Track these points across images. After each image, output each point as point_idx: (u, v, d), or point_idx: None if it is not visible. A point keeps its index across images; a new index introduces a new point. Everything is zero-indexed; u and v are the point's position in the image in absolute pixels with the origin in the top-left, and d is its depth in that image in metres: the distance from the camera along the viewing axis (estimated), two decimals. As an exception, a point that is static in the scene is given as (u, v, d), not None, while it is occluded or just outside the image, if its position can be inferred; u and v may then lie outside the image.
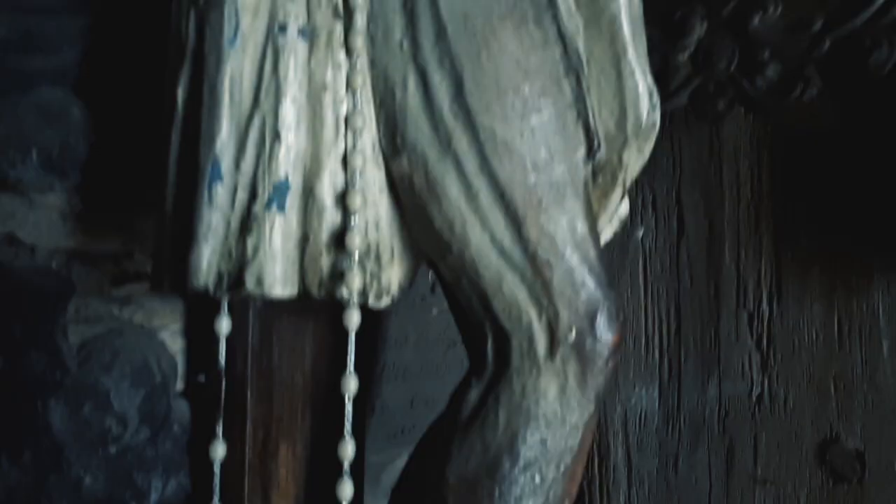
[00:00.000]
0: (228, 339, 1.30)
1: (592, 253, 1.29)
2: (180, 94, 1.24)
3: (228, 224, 1.22)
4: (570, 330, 1.26)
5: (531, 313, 1.26)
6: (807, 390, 1.85)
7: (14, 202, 1.34)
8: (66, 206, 1.37)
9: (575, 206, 1.28)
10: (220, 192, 1.20)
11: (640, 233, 1.86)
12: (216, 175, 1.20)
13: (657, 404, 1.93)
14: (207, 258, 1.21)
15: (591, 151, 1.30)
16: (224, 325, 1.26)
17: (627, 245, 1.81)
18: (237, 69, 1.21)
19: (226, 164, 1.20)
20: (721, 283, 1.98)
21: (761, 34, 1.87)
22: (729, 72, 1.91)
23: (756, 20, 1.87)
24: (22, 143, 1.32)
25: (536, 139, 1.28)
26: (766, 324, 1.92)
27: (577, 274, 1.27)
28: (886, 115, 1.73)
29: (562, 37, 1.30)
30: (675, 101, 1.94)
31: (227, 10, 1.22)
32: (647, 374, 1.91)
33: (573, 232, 1.28)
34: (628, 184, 1.40)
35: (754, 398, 1.89)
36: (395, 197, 1.31)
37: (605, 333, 1.27)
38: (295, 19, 1.26)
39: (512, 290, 1.26)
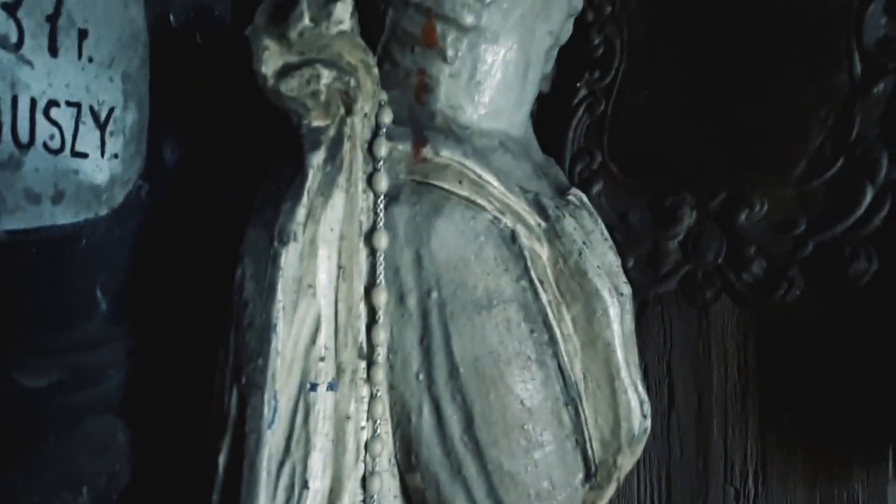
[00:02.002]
0: None
1: None
2: (221, 461, 1.39)
3: None
4: None
5: None
6: (790, 572, 1.85)
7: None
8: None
9: None
10: (257, 556, 1.27)
11: (633, 401, 1.97)
12: (253, 543, 1.26)
13: (649, 570, 1.98)
14: None
15: (588, 475, 1.48)
16: None
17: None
18: (275, 446, 1.37)
19: (262, 528, 1.27)
20: (710, 456, 2.09)
21: (747, 230, 1.99)
22: (717, 263, 2.03)
23: (743, 216, 1.99)
24: (73, 481, 1.46)
25: (539, 471, 1.46)
26: (751, 502, 2.03)
27: None
28: (867, 321, 1.84)
29: (561, 371, 1.48)
30: (665, 285, 2.08)
31: (268, 395, 1.36)
32: (640, 539, 2.00)
33: (573, 551, 1.36)
34: (622, 480, 1.56)
35: (741, 574, 1.88)
36: (407, 500, 1.49)
37: None
38: (325, 377, 1.41)
39: None
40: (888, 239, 1.85)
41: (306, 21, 1.36)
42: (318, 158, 1.42)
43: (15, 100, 1.50)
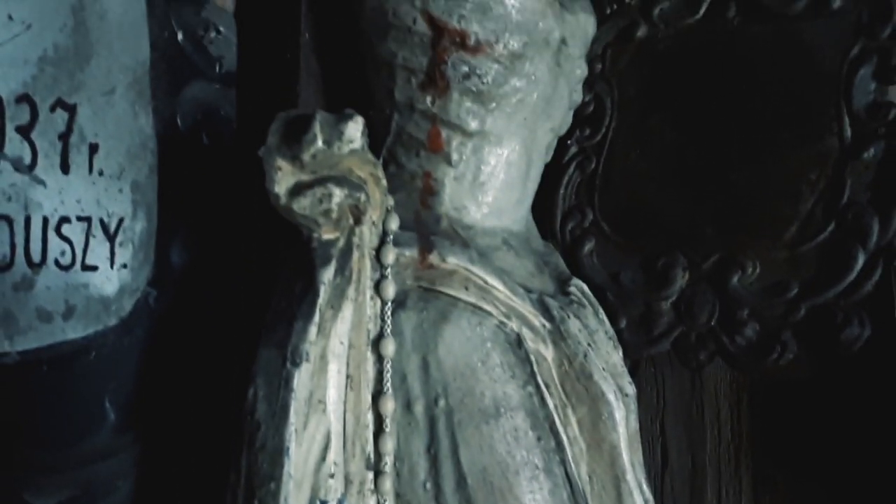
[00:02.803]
0: None
1: None
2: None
3: None
4: None
5: None
6: None
7: None
8: None
9: None
10: None
11: (626, 460, 2.02)
12: None
13: None
14: None
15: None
16: None
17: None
18: None
19: None
20: (704, 518, 1.98)
21: (740, 293, 2.02)
22: (710, 325, 2.06)
23: (735, 279, 2.02)
24: None
25: (546, 581, 1.39)
26: (746, 564, 1.93)
27: None
28: (861, 385, 1.89)
29: (569, 478, 1.51)
30: (659, 346, 2.11)
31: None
32: None
33: None
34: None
35: None
36: None
37: None
38: (334, 493, 1.43)
39: None
40: (880, 304, 1.89)
41: (319, 144, 1.38)
42: (328, 274, 1.43)
43: (28, 220, 1.54)
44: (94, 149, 1.62)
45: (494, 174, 1.68)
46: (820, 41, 1.98)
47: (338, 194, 1.40)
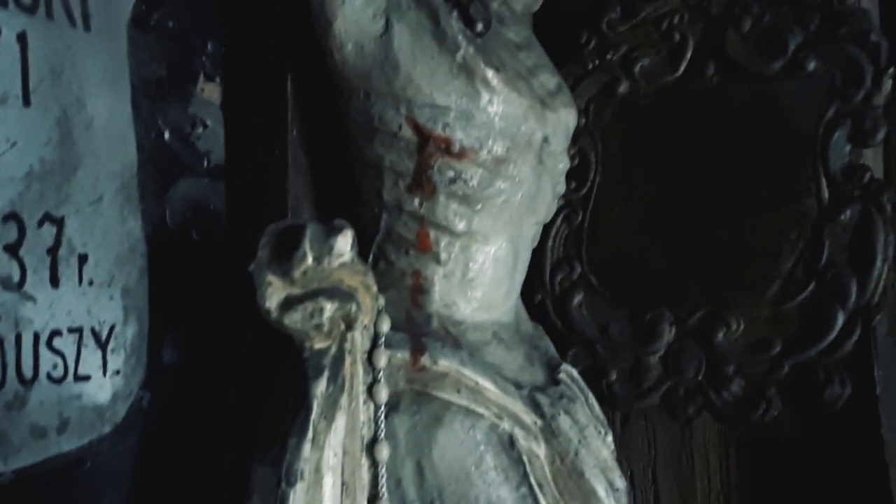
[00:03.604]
0: None
1: None
2: None
3: None
4: None
5: None
6: None
7: None
8: None
9: None
10: None
11: (619, 508, 1.99)
12: None
13: None
14: None
15: None
16: None
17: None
18: None
19: None
20: (697, 566, 1.99)
21: (725, 349, 1.99)
22: (697, 380, 2.03)
23: (720, 335, 1.99)
24: None
25: None
26: None
27: None
28: (844, 442, 1.86)
29: None
30: (648, 399, 2.08)
31: None
32: None
33: None
34: None
35: None
36: None
37: None
38: None
39: None
40: (860, 364, 1.87)
41: (309, 261, 1.35)
42: (321, 387, 1.40)
43: (19, 338, 1.49)
44: (83, 259, 1.58)
45: (483, 271, 1.67)
46: (796, 103, 1.96)
47: (328, 308, 1.39)
